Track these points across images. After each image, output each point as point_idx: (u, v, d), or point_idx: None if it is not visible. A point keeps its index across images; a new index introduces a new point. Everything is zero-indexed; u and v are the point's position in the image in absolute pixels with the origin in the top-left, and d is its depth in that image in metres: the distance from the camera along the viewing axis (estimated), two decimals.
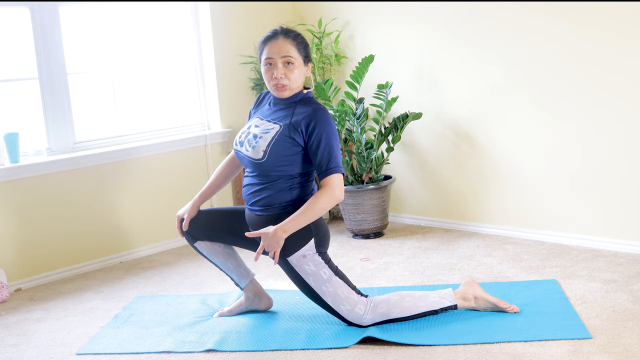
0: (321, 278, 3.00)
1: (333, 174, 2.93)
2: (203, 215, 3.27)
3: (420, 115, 4.51)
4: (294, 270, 3.02)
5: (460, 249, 4.19)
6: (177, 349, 3.03)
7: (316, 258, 3.01)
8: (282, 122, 3.00)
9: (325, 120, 2.96)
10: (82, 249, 4.27)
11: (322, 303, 3.05)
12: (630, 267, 3.67)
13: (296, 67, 2.99)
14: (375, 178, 4.56)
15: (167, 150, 4.64)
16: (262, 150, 2.98)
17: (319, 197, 2.91)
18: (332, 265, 3.05)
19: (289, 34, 3.01)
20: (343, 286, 3.02)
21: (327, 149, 2.93)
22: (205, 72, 4.91)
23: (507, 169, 4.35)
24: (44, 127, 4.22)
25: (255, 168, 3.03)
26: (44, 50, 4.16)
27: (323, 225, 3.06)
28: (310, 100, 3.06)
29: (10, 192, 3.98)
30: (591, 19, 3.87)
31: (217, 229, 3.25)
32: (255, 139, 3.02)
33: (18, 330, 3.40)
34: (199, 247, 3.31)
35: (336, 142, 2.97)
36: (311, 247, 3.00)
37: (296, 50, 2.99)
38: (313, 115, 2.95)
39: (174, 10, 4.78)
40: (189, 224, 3.27)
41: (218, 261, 3.31)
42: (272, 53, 2.98)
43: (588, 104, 3.96)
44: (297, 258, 2.99)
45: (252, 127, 3.09)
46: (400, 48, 4.71)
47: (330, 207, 2.94)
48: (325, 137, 2.93)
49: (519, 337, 2.89)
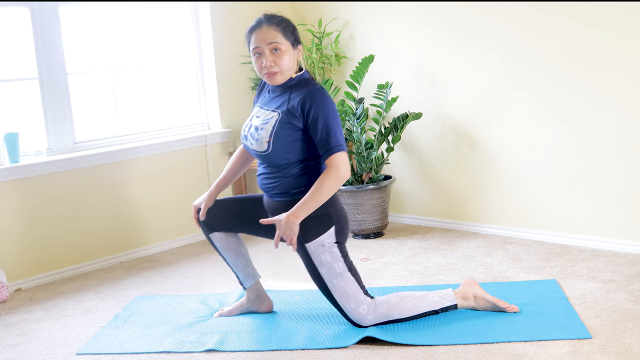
0: (334, 271, 2.99)
1: (335, 154, 2.88)
2: (220, 204, 3.24)
3: (420, 115, 4.51)
4: (310, 258, 3.00)
5: (460, 249, 4.19)
6: (177, 349, 3.03)
7: (334, 250, 2.99)
8: (280, 109, 2.98)
9: (321, 100, 2.92)
10: (82, 249, 4.27)
11: (328, 295, 3.04)
12: (630, 267, 3.67)
13: (284, 53, 2.95)
14: (375, 178, 4.56)
15: (167, 150, 4.64)
16: (265, 142, 2.96)
17: (324, 178, 2.87)
18: (348, 260, 3.03)
19: (273, 20, 2.98)
20: (353, 283, 3.01)
21: (325, 128, 2.89)
22: (205, 72, 4.91)
23: (507, 168, 4.35)
24: (44, 127, 4.22)
25: (263, 159, 3.02)
26: (44, 50, 4.16)
27: (343, 216, 3.04)
28: (306, 82, 3.01)
29: (10, 192, 3.98)
30: (592, 19, 3.87)
31: (234, 217, 3.22)
32: (257, 132, 3.00)
33: (18, 330, 3.40)
34: (214, 239, 3.28)
35: (334, 121, 2.91)
36: (331, 235, 2.98)
37: (282, 36, 2.95)
38: (308, 96, 2.92)
39: (174, 10, 4.78)
40: (206, 213, 3.24)
41: (228, 257, 3.29)
42: (258, 42, 2.96)
43: (588, 104, 3.96)
44: (315, 245, 2.97)
45: (253, 119, 3.07)
46: (400, 48, 4.71)
47: (338, 186, 2.90)
48: (322, 116, 2.89)
49: (519, 337, 2.89)
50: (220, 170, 4.91)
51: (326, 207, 2.98)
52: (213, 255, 4.41)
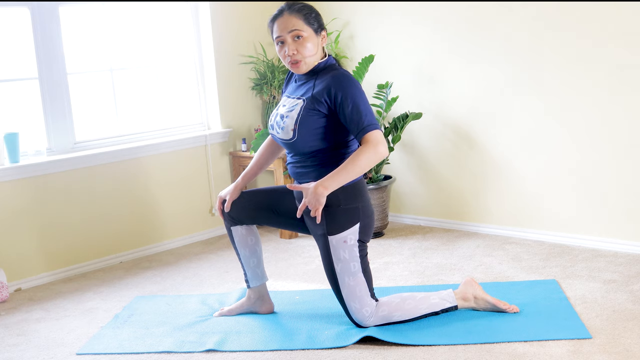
0: (349, 269, 2.98)
1: (369, 132, 2.82)
2: (245, 196, 3.21)
3: (420, 115, 4.51)
4: (329, 251, 2.97)
5: (460, 249, 4.19)
6: (177, 349, 3.02)
7: (354, 249, 2.97)
8: (305, 96, 2.94)
9: (346, 83, 2.86)
10: (82, 249, 4.27)
11: (337, 289, 3.02)
12: (630, 267, 3.67)
13: (307, 40, 2.92)
14: (375, 178, 4.56)
15: (167, 150, 4.64)
16: (290, 130, 2.93)
17: (361, 152, 2.80)
18: (365, 262, 3.02)
19: (294, 7, 2.94)
20: (363, 284, 3.00)
21: (354, 110, 2.82)
22: (205, 72, 4.91)
23: (507, 168, 4.35)
24: (44, 127, 4.22)
25: (290, 148, 3.00)
26: (44, 50, 4.16)
27: (370, 213, 3.02)
28: (331, 67, 2.97)
29: (10, 192, 3.98)
30: (593, 19, 3.86)
31: (260, 208, 3.19)
32: (282, 120, 2.97)
33: (18, 330, 3.40)
34: (234, 232, 3.26)
35: (362, 101, 2.85)
36: (355, 232, 2.96)
37: (304, 23, 2.91)
38: (332, 82, 2.87)
39: (174, 10, 4.78)
40: (231, 206, 3.21)
41: (243, 253, 3.27)
42: (280, 30, 2.92)
43: (588, 104, 3.96)
44: (337, 240, 2.95)
45: (280, 108, 3.04)
46: (400, 48, 4.71)
47: (375, 162, 2.82)
48: (351, 99, 2.83)
49: (519, 337, 2.89)
50: (219, 170, 4.91)
51: (355, 202, 2.95)
52: (213, 255, 4.42)
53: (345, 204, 2.93)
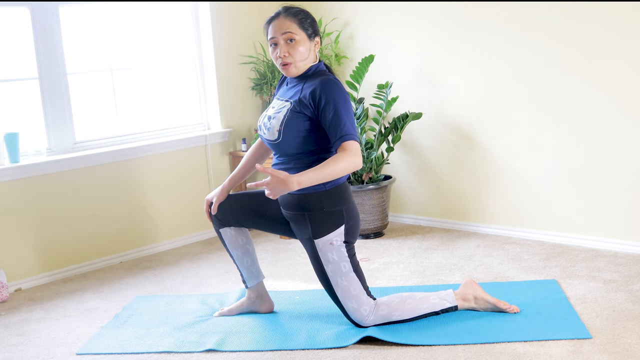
0: (339, 270, 2.99)
1: (345, 142, 2.84)
2: (232, 199, 3.23)
3: (420, 115, 4.51)
4: (317, 254, 3.00)
5: (460, 249, 4.19)
6: (177, 349, 3.02)
7: (342, 249, 2.99)
8: (292, 99, 2.97)
9: (332, 90, 2.88)
10: (82, 249, 4.27)
11: (331, 292, 3.04)
12: (630, 267, 3.67)
13: (299, 44, 2.95)
14: (375, 178, 4.56)
15: (167, 150, 4.64)
16: (276, 131, 2.95)
17: (340, 158, 2.81)
18: (354, 261, 3.03)
19: (290, 11, 2.98)
20: (357, 284, 3.01)
21: (335, 116, 2.84)
22: (205, 72, 4.91)
23: (507, 168, 4.35)
24: (44, 127, 4.22)
25: (276, 149, 3.02)
26: (44, 50, 4.16)
27: (355, 215, 3.04)
28: (320, 73, 3.00)
29: (10, 192, 3.98)
30: (593, 20, 3.87)
31: (246, 211, 3.20)
32: (269, 121, 2.99)
33: (18, 330, 3.40)
34: (224, 234, 3.28)
35: (345, 110, 2.87)
36: (340, 234, 2.98)
37: (298, 26, 2.94)
38: (319, 86, 2.90)
39: (174, 10, 4.78)
40: (218, 208, 3.23)
41: (235, 254, 3.28)
42: (274, 32, 2.96)
43: (588, 104, 3.96)
44: (323, 243, 2.97)
45: (269, 110, 3.07)
46: (400, 48, 4.71)
47: (349, 171, 2.84)
48: (334, 105, 2.85)
49: (519, 337, 2.89)
50: (219, 170, 4.91)
51: (339, 204, 2.98)
52: (213, 255, 4.42)
53: (328, 208, 2.96)
